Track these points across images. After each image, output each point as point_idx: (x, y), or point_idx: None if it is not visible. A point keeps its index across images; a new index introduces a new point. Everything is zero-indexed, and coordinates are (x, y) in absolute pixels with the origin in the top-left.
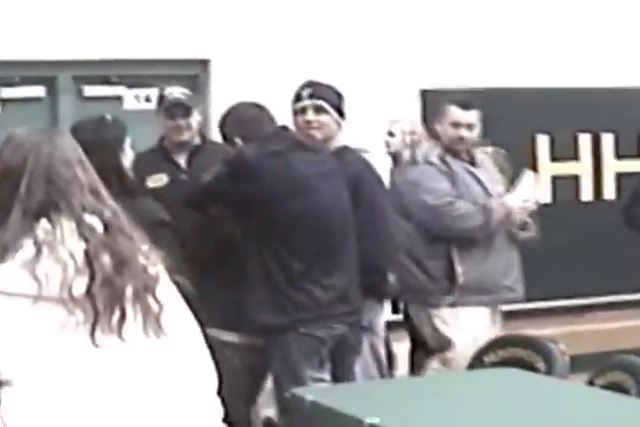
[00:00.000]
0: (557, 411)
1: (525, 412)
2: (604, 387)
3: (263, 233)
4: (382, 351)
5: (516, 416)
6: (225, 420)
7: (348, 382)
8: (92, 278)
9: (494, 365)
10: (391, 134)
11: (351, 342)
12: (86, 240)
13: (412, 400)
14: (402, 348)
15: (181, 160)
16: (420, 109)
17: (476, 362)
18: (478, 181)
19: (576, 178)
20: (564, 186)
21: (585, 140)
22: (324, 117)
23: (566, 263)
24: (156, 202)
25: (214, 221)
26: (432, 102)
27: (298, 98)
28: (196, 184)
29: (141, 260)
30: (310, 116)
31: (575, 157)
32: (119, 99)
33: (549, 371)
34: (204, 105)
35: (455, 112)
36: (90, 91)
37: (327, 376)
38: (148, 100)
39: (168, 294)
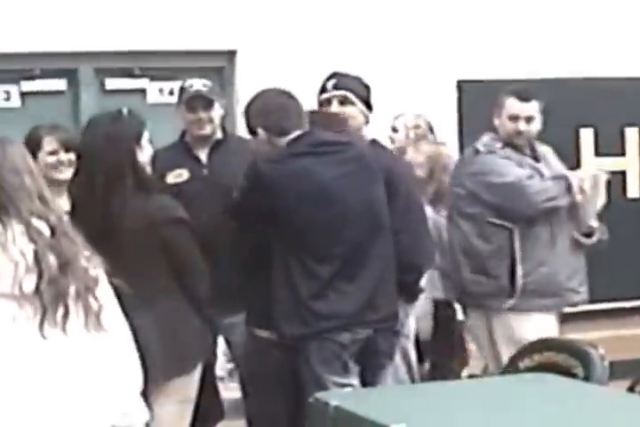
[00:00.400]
0: (593, 419)
1: (560, 419)
2: None
3: (287, 242)
4: (413, 355)
5: (550, 424)
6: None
7: (377, 386)
8: (39, 277)
9: (529, 370)
10: (394, 130)
11: (379, 346)
12: (34, 242)
13: (440, 406)
14: None
15: (202, 155)
16: (457, 100)
17: (511, 367)
18: (541, 176)
19: (622, 174)
20: (610, 182)
21: (632, 134)
22: (349, 109)
23: (609, 265)
24: (172, 199)
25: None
26: (468, 93)
27: (323, 89)
28: (230, 200)
29: (83, 262)
30: (335, 107)
31: (621, 152)
32: (142, 92)
33: (588, 377)
34: (229, 98)
35: (513, 104)
36: (112, 83)
37: (354, 381)
38: (171, 93)
39: (106, 294)
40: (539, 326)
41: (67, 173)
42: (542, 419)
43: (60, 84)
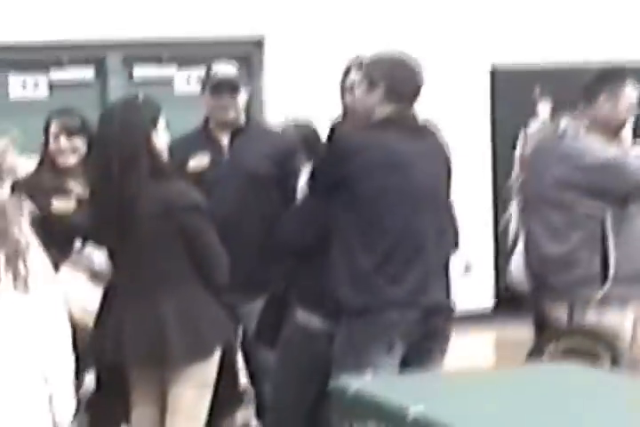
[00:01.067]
0: (615, 410)
1: (580, 410)
2: None
3: (354, 213)
4: None
5: (569, 413)
6: None
7: (424, 369)
8: None
9: (555, 355)
10: None
11: (431, 326)
12: None
13: (461, 392)
14: None
15: (225, 140)
16: (490, 88)
17: (536, 352)
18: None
19: None
20: None
21: None
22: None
23: None
24: (190, 185)
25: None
26: (501, 80)
27: (347, 74)
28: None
29: (16, 230)
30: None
31: None
32: (170, 82)
33: (615, 365)
34: (257, 86)
35: (631, 93)
36: (140, 71)
37: (396, 361)
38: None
39: (37, 260)
40: (628, 315)
41: (68, 159)
42: (559, 409)
43: (87, 73)
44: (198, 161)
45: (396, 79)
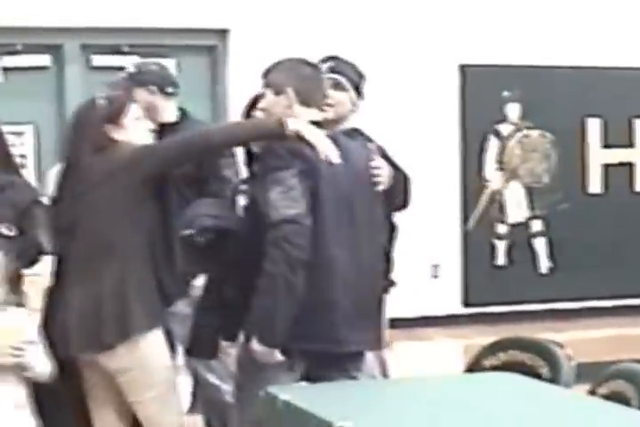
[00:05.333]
0: (541, 420)
1: (510, 420)
2: (606, 397)
3: None
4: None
5: (494, 423)
6: None
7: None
8: None
9: (494, 368)
10: None
11: None
12: None
13: (391, 403)
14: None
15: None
16: (459, 85)
17: (475, 365)
18: None
19: (630, 166)
20: (617, 175)
21: None
22: (340, 95)
23: (613, 259)
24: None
25: None
26: (471, 77)
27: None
28: None
29: None
30: (327, 91)
31: (629, 143)
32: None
33: (554, 377)
34: (221, 77)
35: None
36: (99, 61)
37: (297, 376)
38: None
39: None
40: None
41: None
42: (489, 418)
43: (44, 60)
44: None
45: (303, 85)
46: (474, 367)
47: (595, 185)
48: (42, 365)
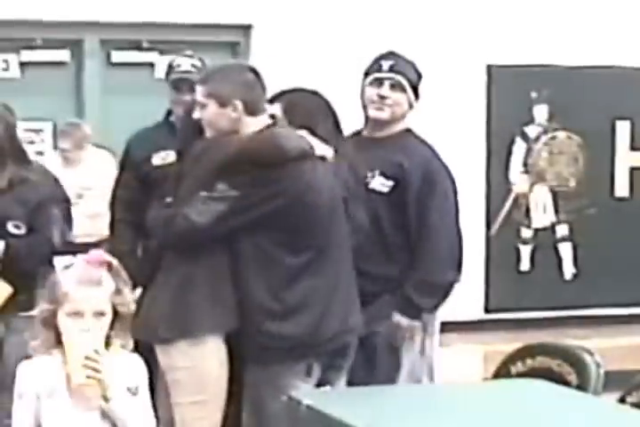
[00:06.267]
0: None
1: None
2: (636, 405)
3: None
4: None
5: None
6: None
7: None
8: None
9: (521, 375)
10: None
11: (342, 344)
12: None
13: (417, 409)
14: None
15: None
16: (486, 85)
17: (502, 371)
18: None
19: None
20: None
21: None
22: (398, 95)
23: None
24: None
25: None
26: (497, 78)
27: (377, 68)
28: None
29: None
30: (386, 90)
31: None
32: (151, 66)
33: (582, 385)
34: None
35: None
36: (118, 56)
37: (313, 382)
38: None
39: None
40: None
41: None
42: (520, 425)
43: (62, 56)
44: (162, 158)
45: (250, 96)
46: (501, 373)
47: (622, 189)
48: None
